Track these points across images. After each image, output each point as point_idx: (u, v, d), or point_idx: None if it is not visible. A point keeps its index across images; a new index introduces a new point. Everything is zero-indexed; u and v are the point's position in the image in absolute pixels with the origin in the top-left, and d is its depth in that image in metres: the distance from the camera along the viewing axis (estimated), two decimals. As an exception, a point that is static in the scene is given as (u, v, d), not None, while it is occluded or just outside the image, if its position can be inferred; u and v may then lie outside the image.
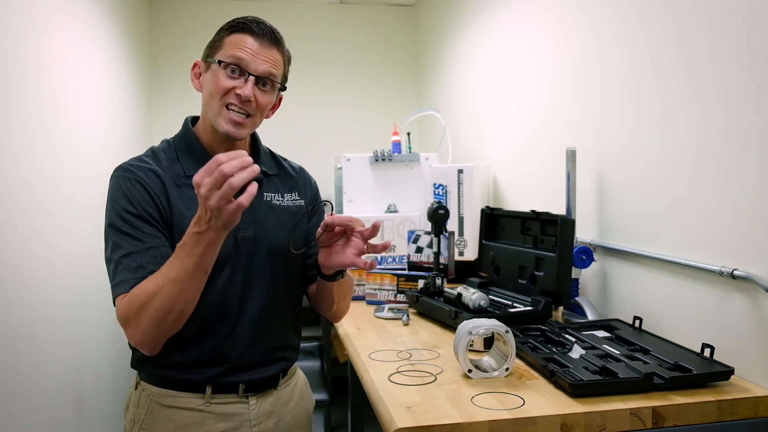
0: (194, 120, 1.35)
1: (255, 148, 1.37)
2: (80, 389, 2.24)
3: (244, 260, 1.26)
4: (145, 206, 1.18)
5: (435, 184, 2.47)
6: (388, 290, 2.14)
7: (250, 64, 1.23)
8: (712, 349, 1.34)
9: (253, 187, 1.01)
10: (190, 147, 1.28)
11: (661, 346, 1.44)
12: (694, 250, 1.48)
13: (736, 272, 1.32)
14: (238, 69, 1.23)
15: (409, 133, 2.84)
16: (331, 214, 1.18)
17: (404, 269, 2.34)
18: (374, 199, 2.73)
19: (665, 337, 1.52)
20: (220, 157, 1.00)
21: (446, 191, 2.45)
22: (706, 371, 1.27)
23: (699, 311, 1.47)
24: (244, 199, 1.00)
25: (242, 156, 1.01)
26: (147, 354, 1.16)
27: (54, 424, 1.98)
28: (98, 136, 2.61)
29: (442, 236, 2.09)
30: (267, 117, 1.32)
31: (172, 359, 1.23)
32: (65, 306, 2.13)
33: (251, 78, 1.22)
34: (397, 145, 2.79)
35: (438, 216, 2.05)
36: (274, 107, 1.33)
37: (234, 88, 1.22)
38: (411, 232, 2.32)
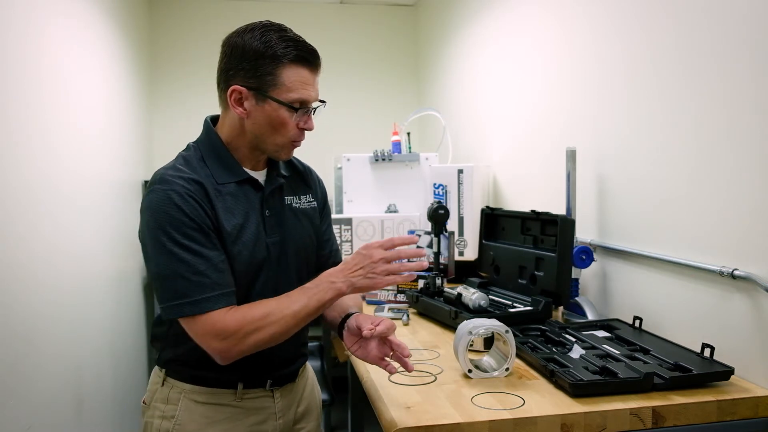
0: (213, 120, 1.34)
1: None
2: (80, 389, 2.24)
3: (274, 264, 1.29)
4: (201, 218, 1.18)
5: (435, 184, 2.47)
6: (388, 290, 2.14)
7: (312, 100, 1.24)
8: (712, 349, 1.34)
9: (410, 278, 1.19)
10: (217, 155, 1.27)
11: (661, 346, 1.44)
12: (694, 250, 1.48)
13: (736, 272, 1.32)
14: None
15: (409, 133, 2.84)
16: (372, 329, 1.19)
17: (404, 269, 2.33)
18: (374, 199, 2.73)
19: (665, 337, 1.52)
20: (397, 239, 1.18)
21: (446, 191, 2.45)
22: (706, 371, 1.28)
23: (699, 311, 1.47)
24: (393, 280, 1.17)
25: (417, 245, 1.17)
26: (220, 363, 1.18)
27: (54, 425, 1.98)
28: (98, 136, 2.61)
29: (442, 236, 2.09)
30: None
31: (207, 357, 1.24)
32: (65, 306, 2.13)
33: (311, 110, 1.25)
34: (397, 145, 2.79)
35: (438, 216, 2.05)
36: None
37: (297, 123, 1.24)
38: (411, 232, 2.32)
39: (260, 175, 1.31)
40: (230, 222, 1.22)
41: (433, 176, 2.48)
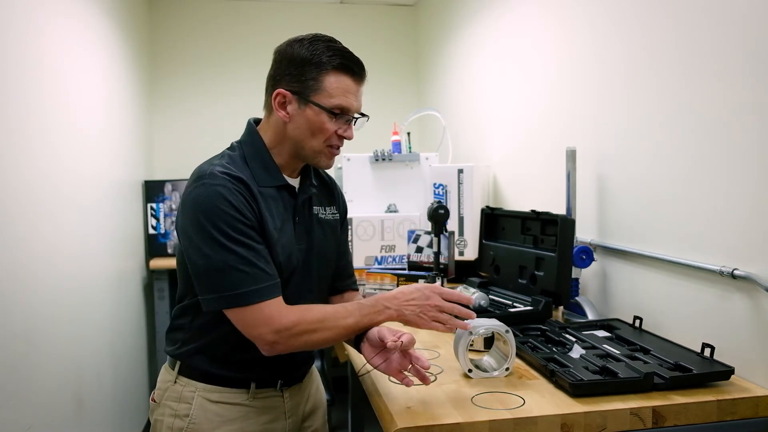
0: (256, 122, 1.35)
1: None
2: (80, 390, 2.24)
3: (301, 270, 1.32)
4: (249, 214, 1.20)
5: (435, 184, 2.47)
6: (388, 290, 2.14)
7: (354, 110, 1.27)
8: (713, 348, 1.34)
9: (450, 330, 1.27)
10: (261, 159, 1.29)
11: (661, 346, 1.44)
12: (694, 250, 1.48)
13: (736, 272, 1.32)
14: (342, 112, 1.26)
15: (409, 133, 2.84)
16: (396, 341, 1.21)
17: (404, 269, 2.34)
18: (374, 199, 2.73)
19: (665, 337, 1.52)
20: (462, 297, 1.26)
21: (446, 191, 2.45)
22: (707, 371, 1.27)
23: (699, 311, 1.47)
24: (435, 327, 1.23)
25: (468, 305, 1.26)
26: (265, 354, 1.20)
27: (54, 425, 1.98)
28: (98, 136, 2.61)
29: (442, 236, 2.09)
30: None
31: (223, 357, 1.28)
32: (65, 306, 2.13)
33: (353, 120, 1.28)
34: (397, 145, 2.79)
35: (438, 216, 2.05)
36: None
37: (337, 130, 1.26)
38: (411, 232, 2.32)
39: (295, 183, 1.34)
40: (271, 224, 1.25)
41: (433, 176, 2.48)
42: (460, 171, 2.43)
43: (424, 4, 3.87)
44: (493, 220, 2.15)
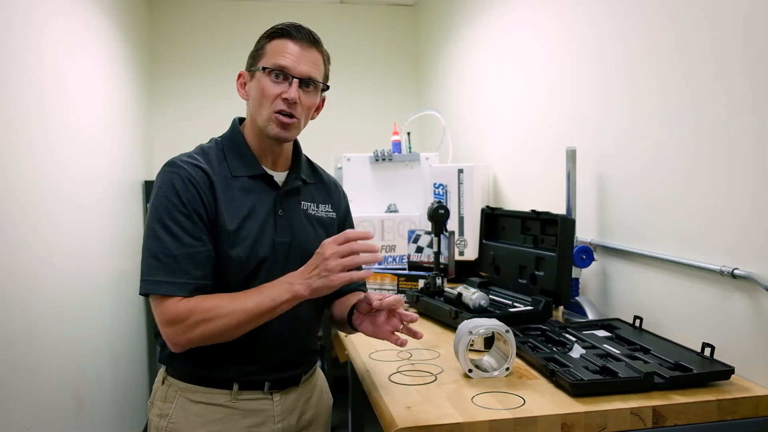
0: (241, 120, 1.39)
1: (296, 155, 1.41)
2: (80, 389, 2.24)
3: (279, 264, 1.29)
4: (195, 205, 1.22)
5: (435, 184, 2.47)
6: (388, 290, 2.14)
7: (292, 69, 1.27)
8: (713, 348, 1.34)
9: (367, 274, 1.16)
10: (237, 149, 1.32)
11: (661, 346, 1.44)
12: (694, 250, 1.48)
13: (736, 272, 1.32)
14: (282, 74, 1.27)
15: (409, 133, 2.84)
16: (381, 298, 1.22)
17: (404, 269, 2.34)
18: (374, 199, 2.73)
19: (665, 337, 1.52)
20: (350, 233, 1.15)
21: (446, 191, 2.45)
22: (707, 370, 1.27)
23: (699, 311, 1.47)
24: (349, 277, 1.13)
25: (371, 240, 1.15)
26: (172, 350, 1.21)
27: (54, 425, 1.98)
28: (98, 136, 2.61)
29: (442, 236, 2.09)
30: (312, 118, 1.37)
31: (204, 355, 1.26)
32: (65, 306, 2.13)
33: (295, 81, 1.27)
34: (397, 145, 2.79)
35: (438, 216, 2.05)
36: (318, 108, 1.38)
37: (280, 94, 1.27)
38: (411, 232, 2.32)
39: (280, 176, 1.35)
40: (233, 214, 1.25)
41: (433, 176, 2.48)
42: (460, 171, 2.43)
43: (424, 4, 3.87)
44: (493, 220, 2.15)
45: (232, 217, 1.25)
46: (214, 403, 1.28)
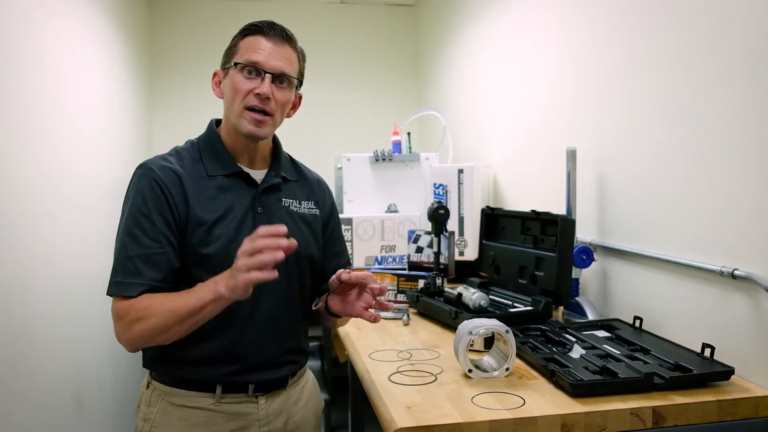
0: (218, 122, 1.38)
1: (276, 152, 1.40)
2: (80, 389, 2.24)
3: None
4: (159, 207, 1.22)
5: (435, 184, 2.46)
6: (388, 290, 2.14)
7: (264, 64, 1.26)
8: (713, 349, 1.34)
9: (272, 275, 1.08)
10: (213, 148, 1.33)
11: (661, 346, 1.44)
12: (694, 250, 1.48)
13: (736, 272, 1.32)
14: (255, 70, 1.27)
15: (409, 133, 2.84)
16: (349, 272, 1.24)
17: (404, 269, 2.34)
18: (374, 199, 2.73)
19: (665, 337, 1.52)
20: (262, 230, 1.08)
21: (446, 191, 2.45)
22: (707, 371, 1.27)
23: (699, 311, 1.47)
24: (256, 276, 1.06)
25: (279, 236, 1.07)
26: (127, 351, 1.21)
27: (54, 425, 1.98)
28: (98, 136, 2.61)
29: (442, 236, 2.09)
30: (288, 116, 1.36)
31: (185, 356, 1.26)
32: (65, 306, 2.13)
33: (268, 76, 1.26)
34: (397, 145, 2.79)
35: (438, 216, 2.05)
36: (294, 106, 1.37)
37: (253, 89, 1.26)
38: (411, 232, 2.32)
39: (258, 174, 1.33)
40: (207, 213, 1.25)
41: (433, 176, 2.48)
42: (461, 171, 2.43)
43: (424, 4, 3.87)
44: (493, 220, 2.15)
45: (206, 216, 1.24)
46: (197, 407, 1.26)
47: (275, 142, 1.41)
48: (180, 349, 1.23)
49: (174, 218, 1.23)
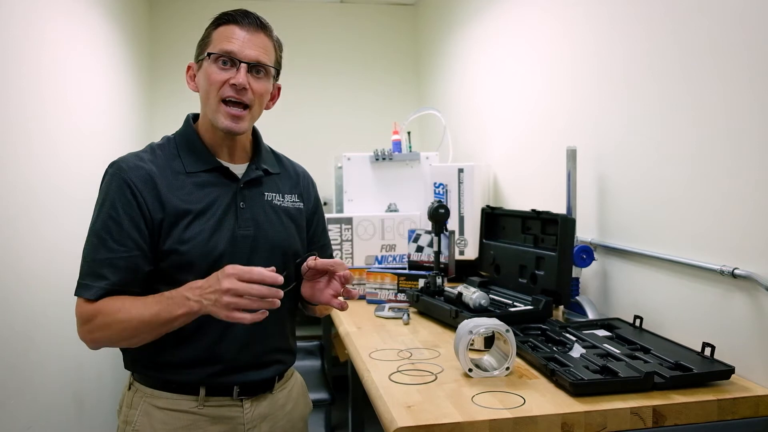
0: (195, 117, 1.35)
1: (256, 145, 1.37)
2: (80, 390, 2.24)
3: (241, 258, 1.23)
4: (129, 210, 1.19)
5: (435, 183, 2.46)
6: (388, 289, 2.14)
7: (239, 53, 1.22)
8: (713, 348, 1.34)
9: (257, 318, 1.08)
10: (191, 144, 1.28)
11: (661, 345, 1.44)
12: (694, 250, 1.48)
13: (736, 271, 1.32)
14: (229, 60, 1.23)
15: (409, 133, 2.84)
16: (315, 259, 1.23)
17: (405, 268, 2.34)
18: (375, 198, 2.73)
19: (666, 337, 1.52)
20: (258, 274, 1.06)
21: (447, 190, 2.45)
22: (707, 370, 1.27)
23: (700, 310, 1.47)
24: (239, 317, 1.07)
25: (275, 284, 1.07)
26: (89, 348, 1.21)
27: (54, 425, 1.98)
28: (99, 135, 2.61)
29: (442, 235, 2.09)
30: (267, 108, 1.32)
31: (166, 358, 1.23)
32: (66, 305, 2.13)
33: (243, 66, 1.22)
34: (397, 145, 2.79)
35: (438, 215, 2.04)
36: (273, 98, 1.34)
37: (228, 80, 1.22)
38: (411, 231, 2.32)
39: (239, 168, 1.31)
40: (183, 210, 1.21)
41: (433, 175, 2.48)
42: (461, 170, 2.43)
43: (425, 3, 3.86)
44: (494, 219, 2.15)
45: (182, 214, 1.21)
46: (180, 410, 1.23)
47: (255, 134, 1.37)
48: (161, 351, 1.21)
49: (145, 221, 1.19)
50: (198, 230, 1.21)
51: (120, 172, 1.21)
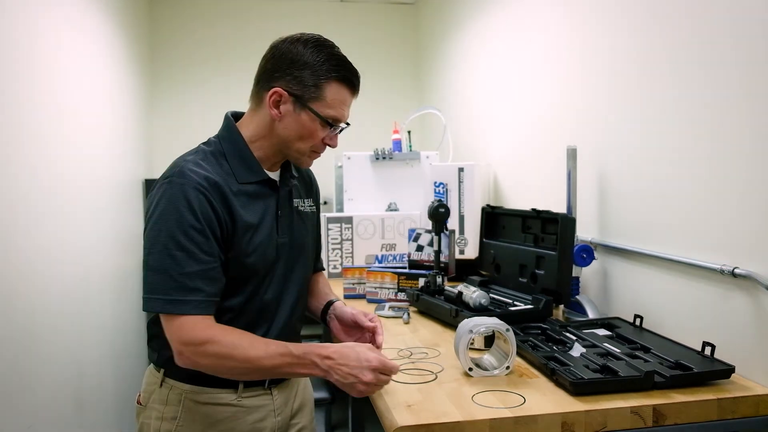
0: (234, 116, 1.34)
1: None
2: (81, 388, 2.24)
3: (282, 266, 1.32)
4: (209, 221, 1.18)
5: (436, 183, 2.46)
6: (388, 289, 2.14)
7: (342, 120, 1.28)
8: (713, 347, 1.34)
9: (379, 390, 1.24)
10: (239, 153, 1.27)
11: (661, 345, 1.44)
12: (694, 249, 1.48)
13: (736, 270, 1.32)
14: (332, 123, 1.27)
15: (409, 132, 2.84)
16: (373, 319, 1.40)
17: (405, 268, 2.34)
18: (375, 198, 2.73)
19: (666, 336, 1.52)
20: (394, 369, 1.19)
21: (447, 189, 2.45)
22: (707, 369, 1.27)
23: (700, 309, 1.47)
24: (370, 391, 1.20)
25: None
26: (178, 363, 1.18)
27: (55, 424, 1.98)
28: (99, 135, 2.61)
29: (442, 234, 2.09)
30: None
31: None
32: (66, 305, 2.13)
33: (340, 129, 1.29)
34: (397, 144, 2.79)
35: (439, 214, 2.04)
36: None
37: (324, 138, 1.28)
38: (411, 231, 2.32)
39: (276, 177, 1.34)
40: (245, 222, 1.23)
41: (433, 174, 2.48)
42: (461, 169, 2.43)
43: (425, 2, 3.86)
44: (494, 218, 2.15)
45: (247, 227, 1.24)
46: (221, 403, 1.28)
47: None
48: None
49: (221, 231, 1.20)
50: (258, 242, 1.25)
51: (191, 182, 1.18)
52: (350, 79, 1.27)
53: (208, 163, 1.23)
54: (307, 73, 1.23)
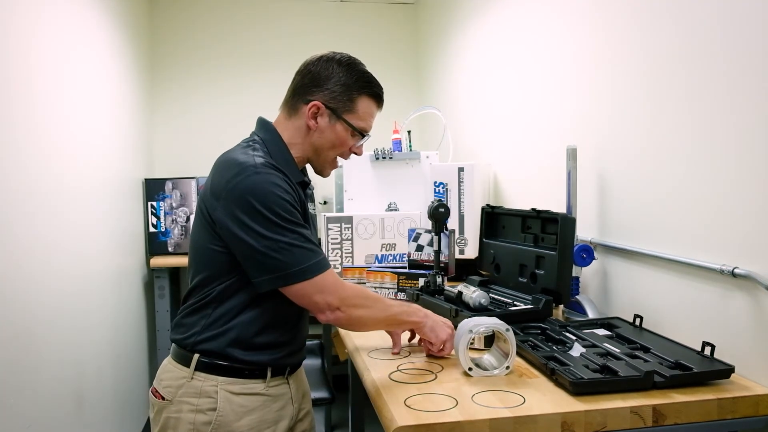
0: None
1: None
2: (81, 387, 2.24)
3: None
4: (295, 202, 1.32)
5: (435, 182, 2.46)
6: (388, 288, 2.14)
7: (369, 131, 1.46)
8: (713, 347, 1.34)
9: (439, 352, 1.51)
10: (283, 156, 1.39)
11: (661, 345, 1.44)
12: (694, 249, 1.48)
13: (736, 270, 1.32)
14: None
15: (409, 132, 2.84)
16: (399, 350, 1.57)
17: (405, 267, 2.34)
18: (375, 198, 2.73)
19: (666, 336, 1.52)
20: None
21: (447, 189, 2.45)
22: (707, 369, 1.27)
23: (700, 309, 1.47)
24: (449, 339, 1.48)
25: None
26: (322, 319, 1.32)
27: (55, 422, 1.98)
28: (99, 135, 2.61)
29: (442, 234, 2.08)
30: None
31: (257, 341, 1.34)
32: (66, 304, 2.13)
33: (365, 139, 1.45)
34: (397, 144, 2.79)
35: (438, 214, 2.04)
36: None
37: (351, 146, 1.44)
38: (411, 231, 2.32)
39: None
40: (309, 214, 1.40)
41: (433, 174, 2.48)
42: (461, 169, 2.43)
43: (425, 2, 3.86)
44: (494, 218, 2.15)
45: (307, 218, 1.38)
46: (253, 393, 1.35)
47: None
48: (244, 336, 1.33)
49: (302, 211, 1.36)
50: (311, 237, 1.35)
51: (270, 171, 1.29)
52: (379, 94, 1.48)
53: (271, 160, 1.35)
54: (342, 89, 1.40)
